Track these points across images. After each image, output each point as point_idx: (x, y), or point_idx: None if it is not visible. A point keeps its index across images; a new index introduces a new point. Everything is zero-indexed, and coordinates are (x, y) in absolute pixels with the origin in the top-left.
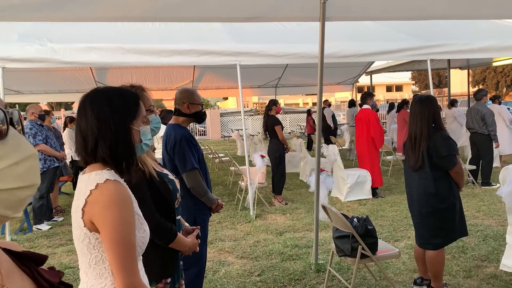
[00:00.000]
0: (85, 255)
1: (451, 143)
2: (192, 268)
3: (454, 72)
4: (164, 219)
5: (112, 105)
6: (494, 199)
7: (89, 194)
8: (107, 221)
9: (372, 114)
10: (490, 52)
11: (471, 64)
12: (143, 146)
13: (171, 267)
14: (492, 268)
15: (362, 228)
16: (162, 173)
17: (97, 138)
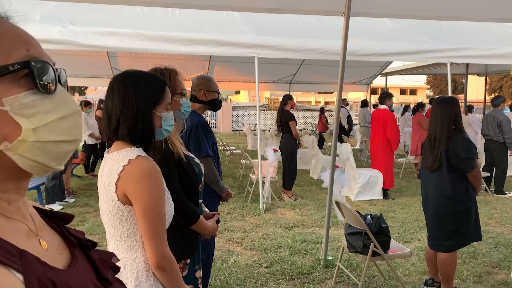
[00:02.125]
0: (116, 228)
1: (471, 146)
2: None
3: (471, 79)
4: (189, 200)
5: (137, 89)
6: (507, 207)
7: (122, 169)
8: (142, 193)
9: (389, 114)
10: (511, 58)
11: (489, 71)
12: (163, 131)
13: (192, 248)
14: (503, 275)
15: (376, 226)
16: (189, 156)
17: (119, 118)
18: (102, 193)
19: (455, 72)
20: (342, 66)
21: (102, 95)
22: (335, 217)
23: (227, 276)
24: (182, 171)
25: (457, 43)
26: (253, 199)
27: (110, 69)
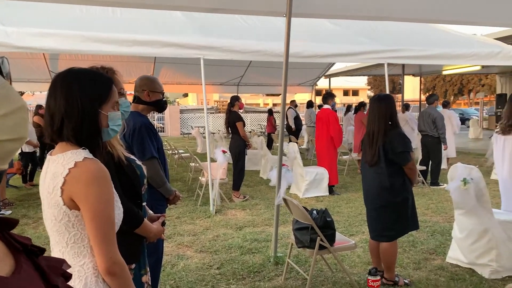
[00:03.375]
0: (62, 234)
1: (406, 141)
2: (148, 258)
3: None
4: (131, 203)
5: (82, 87)
6: (441, 198)
7: (68, 172)
8: (90, 197)
9: (332, 114)
10: (442, 59)
11: (423, 72)
12: (109, 131)
13: (136, 253)
14: (439, 261)
15: (321, 220)
16: (130, 158)
17: (63, 118)
18: (46, 198)
19: (393, 72)
20: (285, 68)
21: (40, 100)
22: (285, 215)
23: (177, 280)
24: (123, 174)
25: (393, 45)
26: (203, 201)
27: (48, 73)
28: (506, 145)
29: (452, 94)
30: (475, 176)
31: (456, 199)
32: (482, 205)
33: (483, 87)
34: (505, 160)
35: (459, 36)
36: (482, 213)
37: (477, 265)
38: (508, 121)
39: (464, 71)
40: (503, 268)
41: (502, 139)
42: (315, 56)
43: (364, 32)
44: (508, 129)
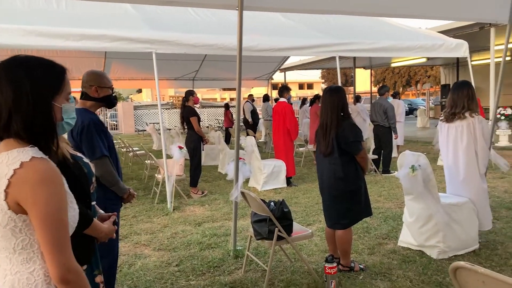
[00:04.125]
0: (9, 240)
1: (357, 131)
2: (103, 259)
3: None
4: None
5: (32, 77)
6: (393, 185)
7: (13, 173)
8: (39, 200)
9: (288, 107)
10: (390, 51)
11: (374, 65)
12: (64, 125)
13: (87, 254)
14: (392, 245)
15: (279, 211)
16: (76, 156)
17: (11, 112)
18: None
19: (345, 65)
20: (239, 61)
21: None
22: (244, 208)
23: (134, 280)
24: (69, 173)
25: (344, 38)
26: (161, 199)
27: None
28: (449, 133)
29: (400, 85)
30: (422, 163)
31: (405, 185)
32: (429, 190)
33: (429, 78)
34: (449, 146)
35: (406, 29)
36: (429, 197)
37: (426, 247)
38: (451, 109)
39: (411, 63)
40: (449, 248)
41: (446, 127)
42: (269, 49)
43: (316, 26)
44: (451, 117)
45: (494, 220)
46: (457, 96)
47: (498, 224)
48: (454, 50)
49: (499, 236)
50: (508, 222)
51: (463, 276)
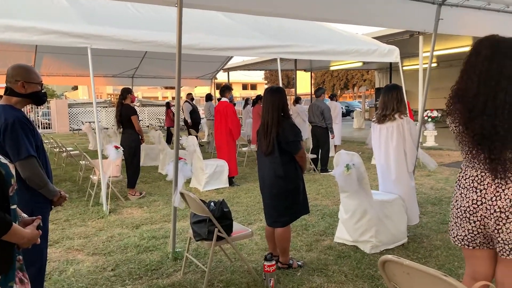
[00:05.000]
0: None
1: (297, 131)
2: (30, 267)
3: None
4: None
5: None
6: (330, 183)
7: None
8: None
9: (229, 106)
10: (329, 55)
11: (314, 67)
12: None
13: (4, 263)
14: (328, 241)
15: (219, 211)
16: None
17: None
18: None
19: (286, 67)
20: (178, 59)
21: None
22: (184, 209)
23: (65, 287)
24: None
25: (285, 41)
26: (96, 201)
27: None
28: (381, 133)
29: (339, 88)
30: (356, 162)
31: (341, 183)
32: (363, 188)
33: (365, 82)
34: (381, 146)
35: (343, 34)
36: (363, 194)
37: (360, 242)
38: (382, 111)
39: (348, 67)
40: (381, 243)
41: (378, 128)
42: (211, 49)
43: (259, 27)
44: (382, 118)
45: (421, 215)
46: (387, 99)
47: (425, 219)
48: (387, 55)
49: (425, 230)
50: (433, 217)
51: (391, 268)
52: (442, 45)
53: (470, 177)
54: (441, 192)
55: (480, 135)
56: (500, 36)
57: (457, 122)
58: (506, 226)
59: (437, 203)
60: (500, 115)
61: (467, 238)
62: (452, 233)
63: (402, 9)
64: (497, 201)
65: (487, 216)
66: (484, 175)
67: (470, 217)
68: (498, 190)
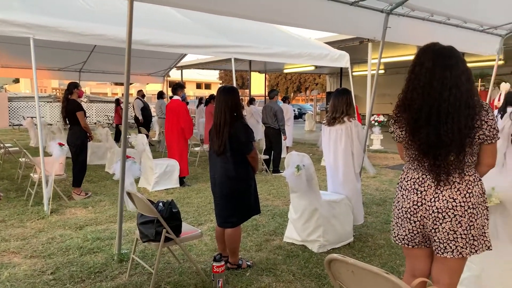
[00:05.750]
0: None
1: (249, 131)
2: None
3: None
4: None
5: None
6: (281, 184)
7: None
8: None
9: (182, 105)
10: (282, 57)
11: (268, 69)
12: None
13: None
14: (278, 241)
15: (167, 212)
16: None
17: None
18: None
19: (241, 68)
20: (128, 54)
21: None
22: (133, 210)
23: None
24: None
25: (240, 41)
26: (36, 201)
27: None
28: (331, 135)
29: (292, 91)
30: (306, 163)
31: (291, 184)
32: (312, 188)
33: (317, 86)
34: (330, 148)
35: (297, 38)
36: (312, 195)
37: (308, 241)
38: (332, 114)
39: (301, 71)
40: (328, 242)
41: (328, 130)
42: (164, 45)
43: (214, 27)
44: (332, 121)
45: (366, 215)
46: (337, 102)
47: (370, 219)
48: (337, 60)
49: (370, 229)
50: (378, 217)
51: (336, 267)
52: (390, 52)
53: (412, 179)
54: (386, 193)
55: (426, 144)
56: (440, 45)
57: (404, 130)
58: (442, 225)
59: (381, 204)
60: (444, 125)
61: (408, 238)
62: (393, 232)
63: (353, 16)
64: (436, 202)
65: (426, 216)
66: (425, 177)
67: (410, 218)
68: (437, 192)
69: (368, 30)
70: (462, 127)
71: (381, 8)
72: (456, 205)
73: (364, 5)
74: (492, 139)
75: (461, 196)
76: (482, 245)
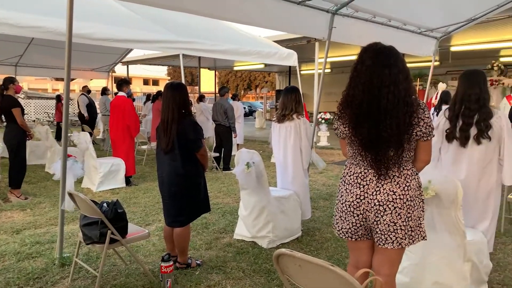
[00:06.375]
0: None
1: (198, 128)
2: None
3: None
4: None
5: None
6: (232, 181)
7: None
8: None
9: (127, 101)
10: (231, 54)
11: (218, 66)
12: None
13: None
14: (228, 238)
15: (112, 212)
16: None
17: None
18: None
19: (190, 64)
20: (68, 48)
21: None
22: (74, 211)
23: None
24: None
25: (189, 37)
26: None
27: None
28: (280, 132)
29: (242, 88)
30: (256, 160)
31: (241, 181)
32: (262, 185)
33: (267, 84)
34: (280, 145)
35: (246, 35)
36: (262, 191)
37: (258, 237)
38: (282, 111)
39: (251, 68)
40: (277, 237)
41: (278, 127)
42: (108, 39)
43: (161, 22)
44: (282, 118)
45: (314, 210)
46: (287, 100)
47: (317, 213)
48: (285, 59)
49: (317, 223)
50: (325, 211)
51: (284, 261)
52: (336, 52)
53: (354, 174)
54: (332, 188)
55: (367, 139)
56: (381, 45)
57: (347, 126)
58: (384, 218)
59: (328, 198)
60: (384, 121)
61: (351, 231)
62: (337, 226)
63: (300, 15)
64: (377, 195)
65: (368, 209)
66: (367, 172)
67: (354, 211)
68: (378, 186)
69: (315, 30)
70: (401, 124)
71: (327, 8)
72: (396, 198)
73: (310, 4)
74: (428, 136)
75: (400, 189)
76: (419, 236)
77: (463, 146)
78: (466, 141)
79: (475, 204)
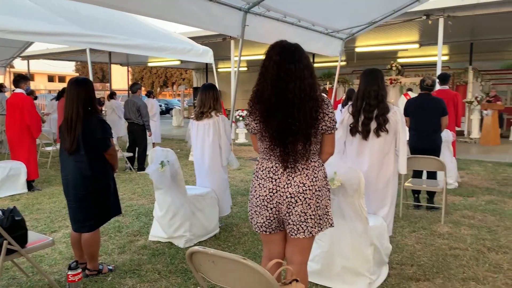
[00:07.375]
0: None
1: (106, 127)
2: None
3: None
4: None
5: None
6: (147, 182)
7: None
8: None
9: (27, 99)
10: (144, 50)
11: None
12: None
13: None
14: (143, 241)
15: (8, 221)
16: None
17: None
18: None
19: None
20: None
21: None
22: None
23: None
24: None
25: (97, 31)
26: None
27: None
28: (199, 130)
29: (158, 85)
30: (171, 159)
31: (155, 181)
32: (177, 184)
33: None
34: (198, 142)
35: (161, 31)
36: (177, 191)
37: (174, 238)
38: (200, 108)
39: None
40: (194, 236)
41: (196, 125)
42: (3, 30)
43: (65, 14)
44: (200, 115)
45: (232, 206)
46: (205, 97)
47: (235, 209)
48: (201, 55)
49: (235, 219)
50: (242, 206)
51: (198, 259)
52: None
53: (266, 169)
54: (250, 184)
55: (277, 132)
56: (287, 42)
57: (258, 121)
58: (295, 209)
59: (246, 194)
60: (292, 114)
61: (265, 225)
62: (253, 221)
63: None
64: (289, 188)
65: (280, 202)
66: (278, 166)
67: (267, 205)
68: (289, 178)
69: (230, 28)
70: (308, 118)
71: (239, 6)
72: (306, 189)
73: (223, 1)
74: (332, 129)
75: (309, 180)
76: (326, 223)
77: (365, 139)
78: (367, 134)
79: (375, 192)
